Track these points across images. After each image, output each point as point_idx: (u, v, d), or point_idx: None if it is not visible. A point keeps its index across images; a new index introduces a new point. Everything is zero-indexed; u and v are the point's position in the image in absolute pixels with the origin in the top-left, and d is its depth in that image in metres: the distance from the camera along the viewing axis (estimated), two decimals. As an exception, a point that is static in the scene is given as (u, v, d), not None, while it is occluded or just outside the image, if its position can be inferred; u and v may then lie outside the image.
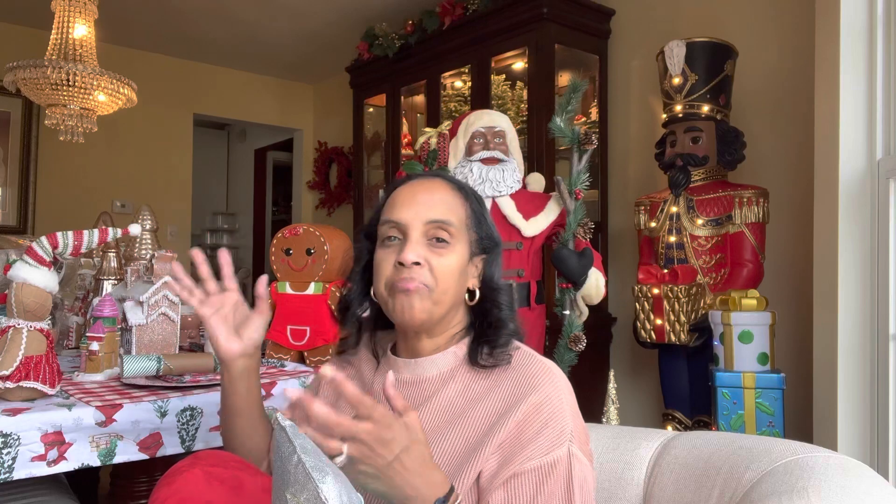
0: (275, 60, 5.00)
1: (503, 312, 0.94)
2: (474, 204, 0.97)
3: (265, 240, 6.67)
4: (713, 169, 2.42)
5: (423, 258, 0.89)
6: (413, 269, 0.88)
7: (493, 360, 0.90)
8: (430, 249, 0.90)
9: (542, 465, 0.80)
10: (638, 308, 2.41)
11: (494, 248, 0.97)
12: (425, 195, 0.93)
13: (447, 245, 0.91)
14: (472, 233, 0.94)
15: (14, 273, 1.16)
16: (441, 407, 0.90)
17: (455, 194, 0.95)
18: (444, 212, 0.92)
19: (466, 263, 0.93)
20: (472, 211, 0.96)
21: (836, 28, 1.91)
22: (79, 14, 2.57)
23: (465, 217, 0.94)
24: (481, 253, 0.96)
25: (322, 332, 1.94)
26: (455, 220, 0.92)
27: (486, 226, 0.97)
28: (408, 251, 0.89)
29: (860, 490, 0.78)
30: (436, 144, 2.25)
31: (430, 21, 3.60)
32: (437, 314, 0.91)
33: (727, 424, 2.06)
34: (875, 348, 1.85)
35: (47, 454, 1.09)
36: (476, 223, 0.96)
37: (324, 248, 1.96)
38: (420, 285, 0.89)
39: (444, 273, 0.90)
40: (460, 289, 0.93)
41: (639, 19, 3.18)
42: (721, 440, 0.99)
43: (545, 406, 0.83)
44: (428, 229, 0.91)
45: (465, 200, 0.96)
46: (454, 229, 0.91)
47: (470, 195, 0.97)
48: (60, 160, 4.40)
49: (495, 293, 0.95)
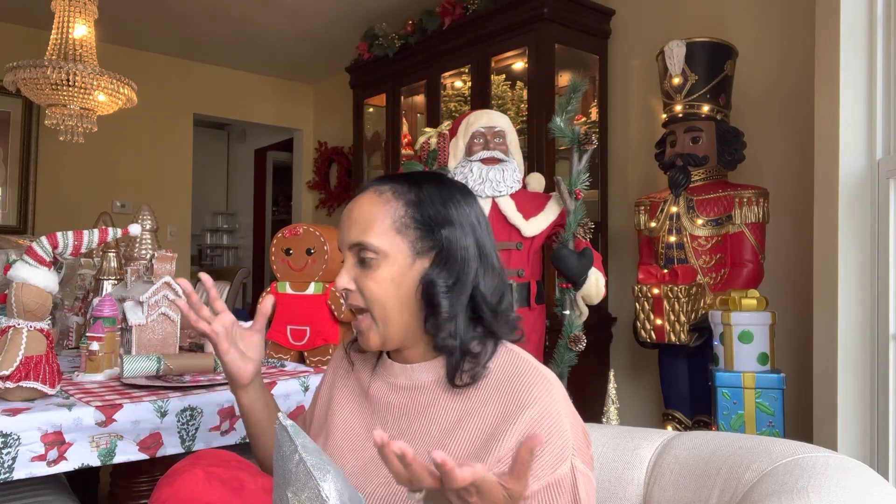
0: (275, 60, 5.00)
1: (439, 320, 0.86)
2: (413, 196, 0.89)
3: (265, 240, 6.68)
4: (713, 169, 2.42)
5: (352, 283, 0.89)
6: (347, 294, 0.90)
7: (467, 378, 0.86)
8: (361, 271, 0.89)
9: (549, 485, 0.79)
10: (638, 308, 2.41)
11: (441, 228, 0.87)
12: (348, 217, 0.91)
13: (373, 262, 0.87)
14: (410, 232, 0.87)
15: (14, 273, 1.16)
16: (439, 415, 0.88)
17: (379, 201, 0.89)
18: (361, 231, 0.88)
19: (408, 267, 0.87)
20: (405, 207, 0.88)
21: (836, 28, 1.91)
22: (79, 14, 2.57)
23: (394, 220, 0.87)
24: (431, 247, 0.88)
25: (322, 332, 1.94)
26: (375, 236, 0.87)
27: (434, 214, 0.88)
28: (337, 278, 0.90)
29: (860, 490, 0.78)
30: (436, 144, 2.25)
31: (430, 21, 3.60)
32: (392, 334, 0.89)
33: (727, 424, 2.06)
34: (875, 348, 1.85)
35: (47, 454, 1.09)
36: (413, 219, 0.88)
37: (324, 248, 1.96)
38: (365, 318, 0.89)
39: (375, 292, 0.87)
40: (406, 297, 0.88)
41: (639, 19, 3.18)
42: (721, 440, 0.99)
43: (545, 420, 0.81)
44: (355, 251, 0.89)
45: (395, 200, 0.89)
46: (375, 244, 0.87)
47: (404, 191, 0.89)
48: (60, 160, 4.40)
49: (431, 296, 0.86)
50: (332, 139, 5.29)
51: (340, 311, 1.93)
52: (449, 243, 0.87)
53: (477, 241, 0.90)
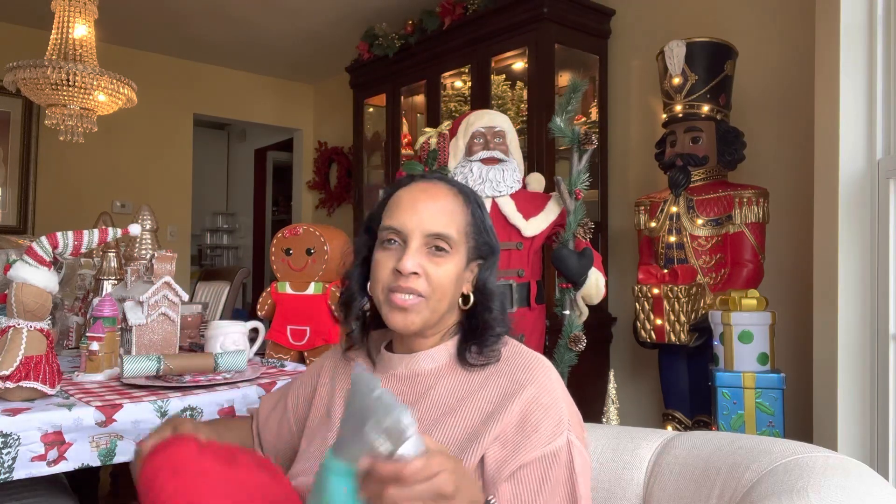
0: (275, 60, 5.00)
1: (493, 315, 0.95)
2: (475, 210, 0.97)
3: (265, 240, 6.68)
4: (713, 169, 2.42)
5: (420, 268, 0.90)
6: (410, 278, 0.90)
7: (482, 359, 0.92)
8: (429, 258, 0.91)
9: (545, 455, 0.83)
10: (638, 308, 2.41)
11: (491, 254, 0.98)
12: (428, 203, 0.93)
13: (446, 254, 0.92)
14: (470, 240, 0.95)
15: (14, 273, 1.16)
16: (437, 401, 0.92)
17: (457, 201, 0.95)
18: (445, 223, 0.92)
19: (463, 270, 0.94)
20: (472, 217, 0.96)
21: (836, 28, 1.91)
22: (79, 14, 2.57)
23: (465, 224, 0.95)
24: (478, 258, 0.97)
25: (322, 332, 1.94)
26: (454, 231, 0.93)
27: (485, 231, 0.98)
28: (406, 259, 0.90)
29: (860, 490, 0.78)
30: (436, 144, 2.25)
31: (430, 21, 3.60)
32: (433, 321, 0.93)
33: (727, 424, 2.06)
34: (875, 348, 1.85)
35: (47, 454, 1.09)
36: (475, 230, 0.96)
37: (324, 248, 1.96)
38: (415, 300, 0.91)
39: (441, 282, 0.91)
40: (455, 294, 0.95)
41: (639, 19, 3.18)
42: (721, 440, 0.99)
43: (542, 397, 0.86)
44: (428, 239, 0.92)
45: (466, 207, 0.96)
46: (454, 240, 0.92)
47: (472, 201, 0.97)
48: (60, 160, 4.40)
49: (488, 298, 0.96)
50: (332, 139, 5.29)
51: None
52: (492, 265, 0.98)
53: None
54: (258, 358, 1.80)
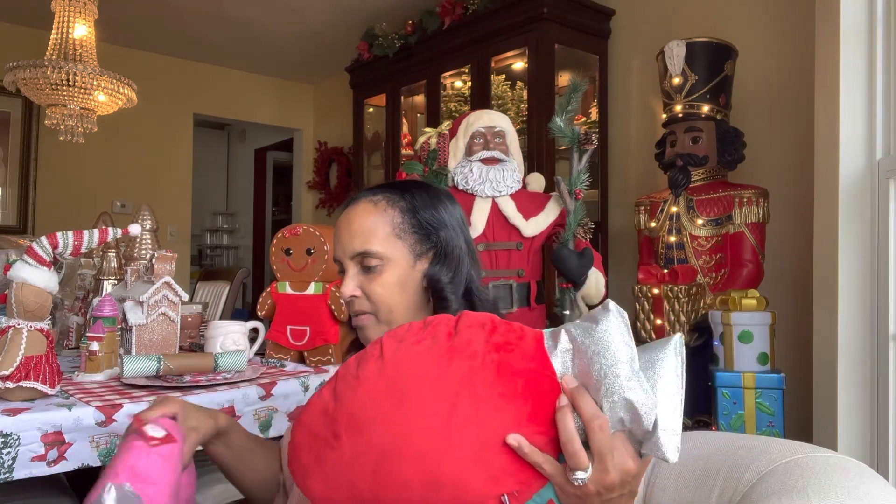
0: (275, 60, 5.00)
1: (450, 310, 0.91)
2: (406, 206, 0.95)
3: (265, 240, 6.68)
4: (713, 169, 2.42)
5: (358, 290, 0.94)
6: (354, 301, 0.95)
7: None
8: (366, 277, 0.94)
9: None
10: (638, 308, 2.41)
11: (438, 231, 0.94)
12: (346, 228, 0.95)
13: (377, 268, 0.93)
14: (407, 237, 0.94)
15: (14, 273, 1.16)
16: None
17: (376, 210, 0.94)
18: (363, 240, 0.93)
19: (410, 269, 0.94)
20: (401, 216, 0.94)
21: (836, 28, 1.91)
22: (79, 14, 2.57)
23: (392, 228, 0.93)
24: (428, 250, 0.94)
25: (322, 332, 1.94)
26: (378, 243, 0.92)
27: (423, 222, 0.94)
28: (342, 288, 0.95)
29: (860, 490, 0.78)
30: (436, 144, 2.25)
31: (430, 21, 3.60)
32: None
33: (727, 424, 2.06)
34: (875, 348, 1.85)
35: (47, 454, 1.09)
36: (410, 227, 0.94)
37: (324, 248, 1.95)
38: (365, 319, 0.94)
39: (381, 297, 0.93)
40: (411, 297, 0.94)
41: (639, 19, 3.18)
42: (721, 440, 0.98)
43: None
44: (358, 260, 0.94)
45: (390, 210, 0.94)
46: (380, 252, 0.92)
47: (400, 199, 0.95)
48: (60, 160, 4.40)
49: (440, 291, 0.93)
50: (332, 139, 5.29)
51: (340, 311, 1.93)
52: (446, 243, 0.95)
53: (465, 239, 0.99)
54: (258, 358, 1.80)
